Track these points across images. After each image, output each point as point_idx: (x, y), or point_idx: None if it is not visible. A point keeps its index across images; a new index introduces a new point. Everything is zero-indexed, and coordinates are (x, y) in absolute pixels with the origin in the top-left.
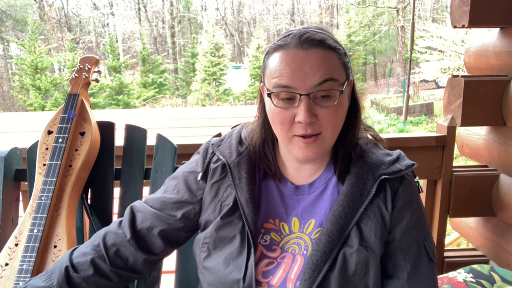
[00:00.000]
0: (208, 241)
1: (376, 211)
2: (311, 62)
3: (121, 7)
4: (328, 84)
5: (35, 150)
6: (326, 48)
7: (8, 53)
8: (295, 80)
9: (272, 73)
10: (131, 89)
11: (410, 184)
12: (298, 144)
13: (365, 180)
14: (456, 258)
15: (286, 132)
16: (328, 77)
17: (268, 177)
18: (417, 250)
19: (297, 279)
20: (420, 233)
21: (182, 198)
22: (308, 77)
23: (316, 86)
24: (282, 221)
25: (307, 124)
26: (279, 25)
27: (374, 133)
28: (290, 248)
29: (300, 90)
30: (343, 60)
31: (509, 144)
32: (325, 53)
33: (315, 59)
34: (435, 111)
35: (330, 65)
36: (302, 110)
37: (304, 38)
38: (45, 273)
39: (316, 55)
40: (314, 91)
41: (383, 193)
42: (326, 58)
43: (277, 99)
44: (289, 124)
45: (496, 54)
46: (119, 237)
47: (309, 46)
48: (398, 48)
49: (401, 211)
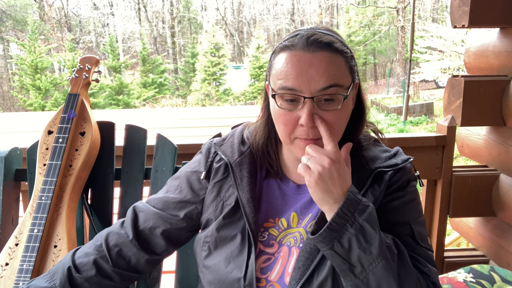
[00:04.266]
0: (209, 240)
1: (370, 198)
2: (317, 65)
3: (121, 7)
4: (333, 89)
5: (35, 150)
6: (333, 51)
7: (8, 53)
8: (300, 83)
9: (277, 73)
10: (131, 89)
11: (406, 174)
12: (300, 145)
13: (361, 172)
14: (456, 258)
15: (288, 134)
16: (333, 83)
17: (270, 176)
18: (401, 227)
19: None
20: (409, 215)
21: (184, 198)
22: (314, 81)
23: (321, 90)
24: (281, 218)
25: (309, 128)
26: (279, 25)
27: (375, 128)
28: (286, 242)
29: (304, 93)
30: (349, 63)
31: (509, 144)
32: (332, 56)
33: (321, 63)
34: (435, 111)
35: (336, 70)
36: (305, 113)
37: (311, 40)
38: (48, 273)
39: (323, 59)
40: (318, 95)
41: (378, 182)
42: (332, 62)
43: (282, 100)
44: (292, 126)
45: (496, 54)
46: (122, 238)
47: (316, 48)
48: (398, 48)
49: (395, 192)
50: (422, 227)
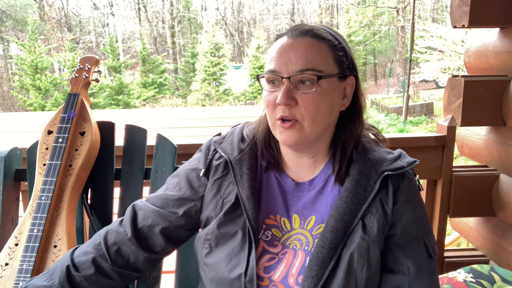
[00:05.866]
0: (210, 237)
1: (378, 206)
2: (296, 49)
3: (121, 7)
4: (309, 73)
5: (35, 150)
6: (314, 37)
7: (8, 53)
8: (279, 65)
9: (267, 60)
10: (131, 89)
11: (411, 182)
12: (279, 128)
13: (368, 176)
14: (456, 258)
15: (271, 115)
16: (310, 67)
17: (270, 168)
18: (417, 246)
19: (299, 274)
20: (420, 230)
21: (184, 195)
22: (292, 62)
23: (297, 72)
24: (283, 217)
25: (284, 106)
26: (279, 25)
27: (377, 132)
28: (291, 244)
29: (283, 73)
30: (336, 53)
31: (509, 144)
32: (313, 42)
33: (301, 46)
34: (435, 111)
35: (316, 55)
36: (282, 92)
37: (295, 28)
38: (46, 272)
39: (303, 43)
40: (294, 75)
41: (385, 189)
42: (312, 47)
43: (267, 83)
44: (273, 106)
45: (496, 54)
46: (120, 236)
47: (298, 34)
48: (398, 48)
49: (403, 206)
50: (432, 236)
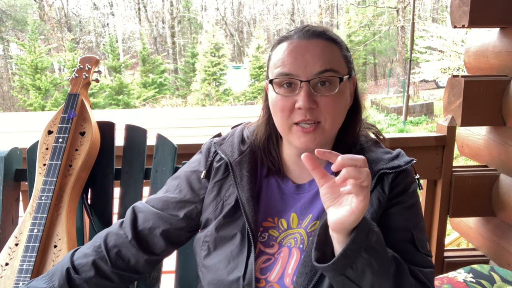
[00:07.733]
0: (208, 239)
1: (374, 202)
2: (312, 51)
3: (121, 7)
4: (329, 74)
5: (35, 150)
6: (328, 39)
7: (8, 53)
8: (296, 68)
9: (275, 63)
10: (131, 89)
11: (408, 177)
12: (297, 133)
13: None
14: (456, 258)
15: (285, 120)
16: (329, 68)
17: (270, 175)
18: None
19: (294, 274)
20: (410, 221)
21: (184, 197)
22: (309, 65)
23: (317, 74)
24: (281, 218)
25: (306, 110)
26: (279, 25)
27: (376, 131)
28: (287, 243)
29: (301, 77)
30: (344, 53)
31: (509, 144)
32: (327, 44)
33: (317, 49)
34: (435, 111)
35: (332, 56)
36: (302, 96)
37: (306, 29)
38: (46, 274)
39: (318, 45)
40: (314, 78)
41: (381, 185)
42: (327, 49)
43: (279, 87)
44: (289, 111)
45: (496, 54)
46: (121, 238)
47: (311, 36)
48: (398, 48)
49: (397, 197)
50: (422, 233)
